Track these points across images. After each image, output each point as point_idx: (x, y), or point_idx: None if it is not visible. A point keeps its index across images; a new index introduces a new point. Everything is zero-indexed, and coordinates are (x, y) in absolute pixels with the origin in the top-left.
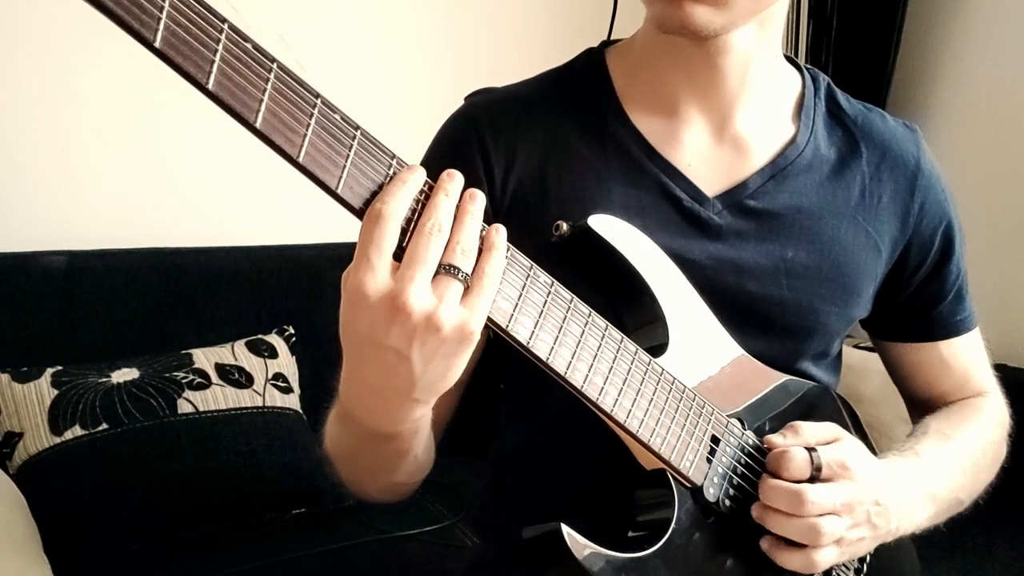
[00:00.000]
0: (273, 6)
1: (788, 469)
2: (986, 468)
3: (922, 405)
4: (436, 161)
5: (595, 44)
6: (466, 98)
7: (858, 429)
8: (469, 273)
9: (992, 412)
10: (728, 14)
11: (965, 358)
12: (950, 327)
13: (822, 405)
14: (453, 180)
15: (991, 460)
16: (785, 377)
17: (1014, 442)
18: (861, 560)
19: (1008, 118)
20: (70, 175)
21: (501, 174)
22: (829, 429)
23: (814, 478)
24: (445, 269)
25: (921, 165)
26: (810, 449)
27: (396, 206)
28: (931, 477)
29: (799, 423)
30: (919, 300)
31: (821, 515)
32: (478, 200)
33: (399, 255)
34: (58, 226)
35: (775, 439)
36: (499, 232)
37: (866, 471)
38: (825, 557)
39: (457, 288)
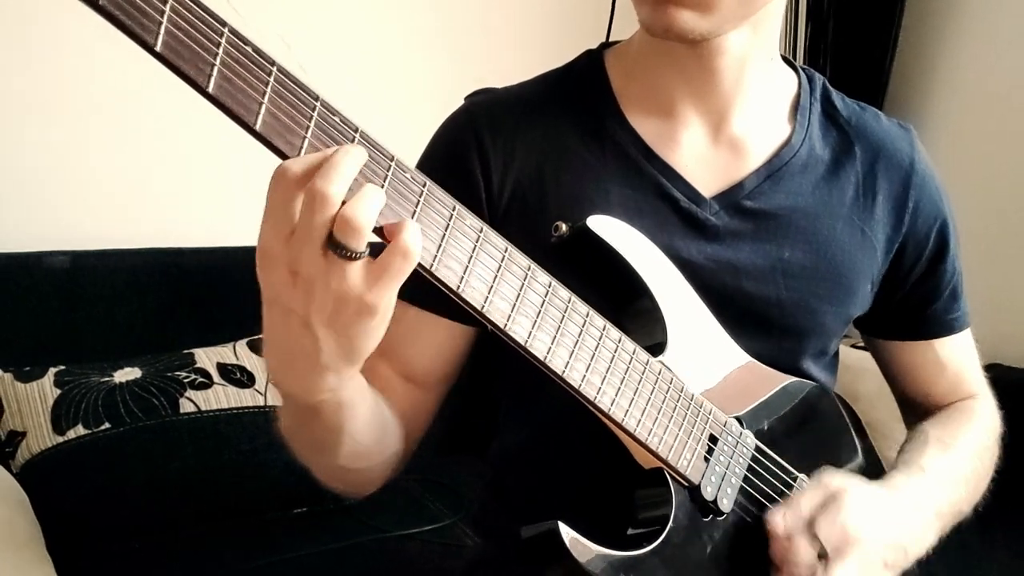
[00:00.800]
0: (274, 9)
1: (796, 561)
2: (984, 475)
3: (916, 406)
4: (435, 160)
5: (594, 46)
6: (466, 98)
7: (858, 429)
8: (361, 250)
9: (985, 416)
10: (713, 19)
11: (958, 358)
12: (944, 325)
13: (822, 406)
14: (340, 152)
15: (988, 466)
16: (786, 379)
17: (1009, 443)
18: None
19: (1004, 120)
20: (72, 176)
21: (499, 174)
22: (823, 487)
23: (822, 557)
24: (333, 246)
25: (915, 164)
26: (812, 534)
27: (298, 169)
28: (936, 493)
29: (795, 497)
30: (914, 298)
31: None
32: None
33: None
34: (60, 226)
35: (775, 522)
36: (412, 231)
37: (867, 524)
38: None
39: (348, 265)
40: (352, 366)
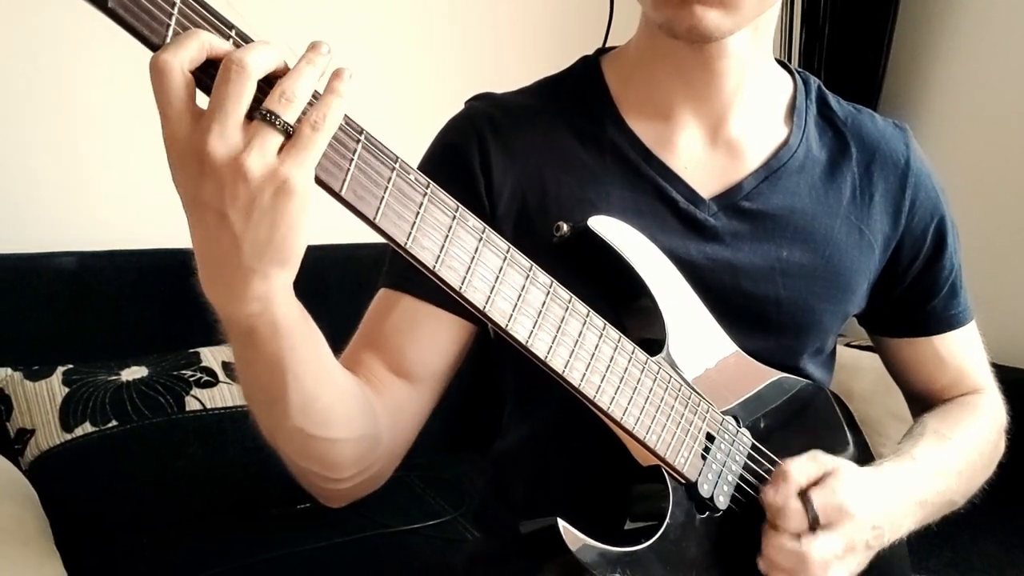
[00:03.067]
0: (278, 12)
1: (787, 526)
2: (982, 468)
3: (920, 400)
4: (436, 163)
5: (591, 50)
6: (467, 102)
7: (851, 426)
8: (290, 123)
9: (989, 410)
10: (736, 16)
11: (961, 353)
12: (944, 321)
13: (816, 403)
14: (318, 49)
15: (988, 459)
16: (779, 374)
17: (1008, 440)
18: None
19: (997, 120)
20: (79, 178)
21: (500, 176)
22: (818, 463)
23: (813, 527)
24: (261, 115)
25: (911, 163)
26: (804, 499)
27: (191, 50)
28: (923, 482)
29: (788, 468)
30: (913, 295)
31: (824, 564)
32: (344, 76)
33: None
34: (68, 228)
35: (768, 492)
36: (343, 79)
37: (861, 503)
38: None
39: (270, 135)
40: (279, 268)
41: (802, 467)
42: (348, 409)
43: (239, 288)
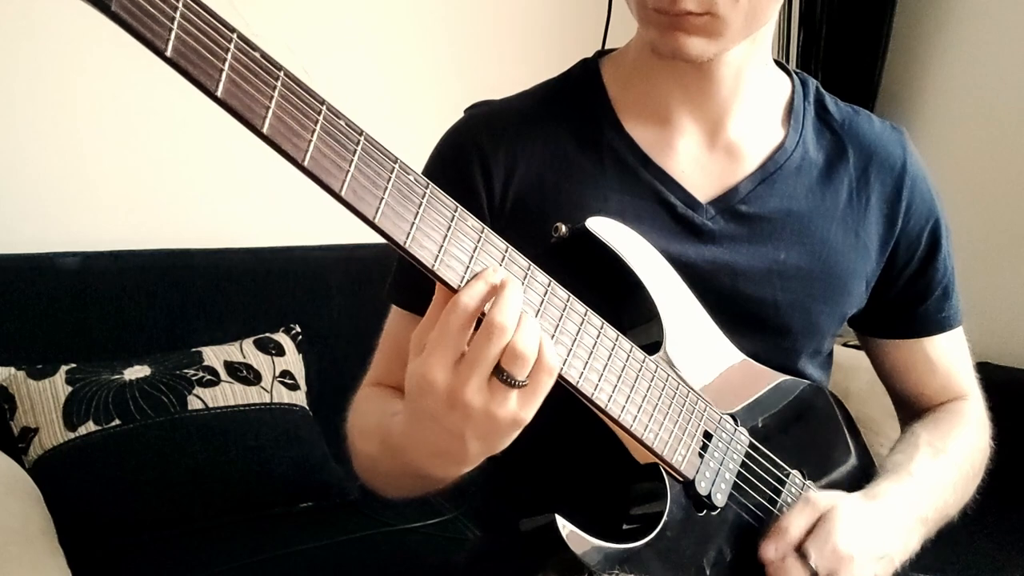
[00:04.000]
0: (280, 16)
1: None
2: (973, 477)
3: (908, 404)
4: (437, 173)
5: (590, 53)
6: (465, 111)
7: (850, 426)
8: (522, 380)
9: (976, 418)
10: (721, 42)
11: (950, 356)
12: (935, 324)
13: (816, 404)
14: (510, 284)
15: (977, 468)
16: (780, 377)
17: (995, 440)
18: None
19: (992, 122)
20: (82, 179)
21: (501, 184)
22: (812, 507)
23: None
24: (499, 373)
25: (907, 166)
26: (802, 553)
27: (476, 303)
28: (923, 498)
29: (783, 523)
30: (907, 297)
31: None
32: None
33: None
34: (71, 228)
35: (767, 549)
36: (549, 351)
37: (859, 541)
38: None
39: (511, 392)
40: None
41: (796, 519)
42: None
43: (450, 472)
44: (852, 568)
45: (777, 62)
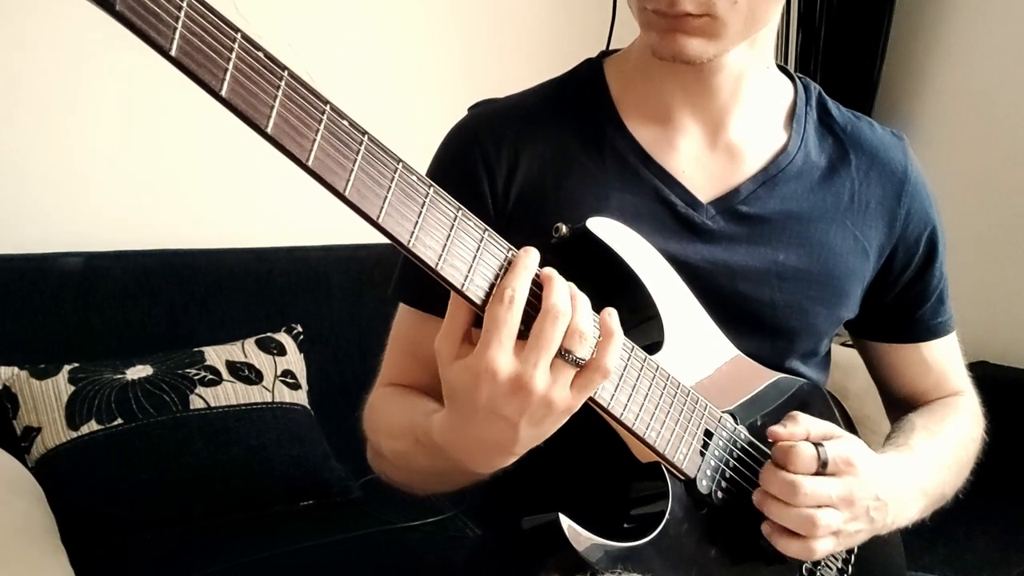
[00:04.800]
0: (282, 16)
1: (795, 463)
2: (966, 464)
3: (901, 403)
4: (441, 172)
5: (594, 54)
6: (468, 109)
7: (848, 425)
8: (585, 358)
9: (969, 411)
10: (720, 44)
11: (943, 359)
12: (930, 329)
13: (813, 402)
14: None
15: (970, 456)
16: (777, 375)
17: (992, 438)
18: (849, 551)
19: (989, 124)
20: (86, 180)
21: (503, 182)
22: (829, 425)
23: (820, 472)
24: (563, 354)
25: (908, 172)
26: (817, 444)
27: (523, 291)
28: (922, 471)
29: (797, 412)
30: (902, 302)
31: (818, 506)
32: (576, 291)
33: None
34: (74, 229)
35: (778, 430)
36: (612, 316)
37: (868, 467)
38: (822, 547)
39: (570, 371)
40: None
41: (812, 419)
42: None
43: (496, 463)
44: (855, 482)
45: (781, 67)
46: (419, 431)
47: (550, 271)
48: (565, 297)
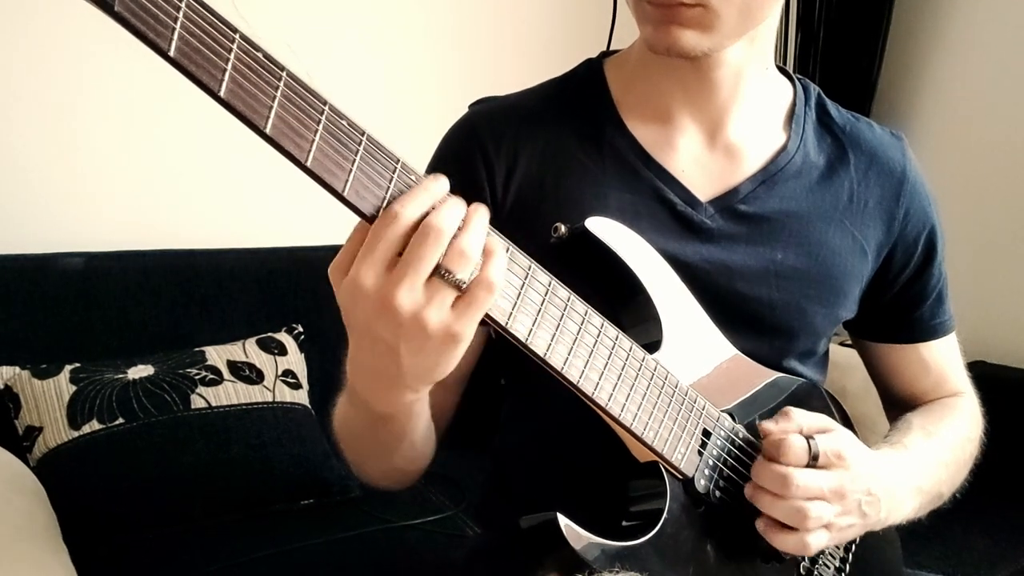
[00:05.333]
0: (281, 16)
1: (786, 456)
2: (964, 464)
3: (899, 403)
4: (441, 169)
5: (594, 54)
6: (469, 107)
7: (846, 424)
8: (465, 279)
9: (968, 412)
10: (715, 37)
11: (942, 360)
12: (930, 330)
13: (811, 401)
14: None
15: (968, 457)
16: (775, 374)
17: (991, 438)
18: (846, 549)
19: (989, 123)
20: (86, 180)
21: (503, 180)
22: (821, 419)
23: (811, 465)
24: (441, 273)
25: (907, 172)
26: (808, 438)
27: (412, 210)
28: (918, 469)
29: (790, 408)
30: (901, 302)
31: (809, 499)
32: (482, 211)
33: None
34: (75, 229)
35: (768, 425)
36: (498, 240)
37: (860, 461)
38: (815, 540)
39: (448, 292)
40: (429, 385)
41: (805, 413)
42: (430, 438)
43: (393, 396)
44: (846, 475)
45: (780, 68)
46: (346, 384)
47: (477, 205)
48: (448, 217)
